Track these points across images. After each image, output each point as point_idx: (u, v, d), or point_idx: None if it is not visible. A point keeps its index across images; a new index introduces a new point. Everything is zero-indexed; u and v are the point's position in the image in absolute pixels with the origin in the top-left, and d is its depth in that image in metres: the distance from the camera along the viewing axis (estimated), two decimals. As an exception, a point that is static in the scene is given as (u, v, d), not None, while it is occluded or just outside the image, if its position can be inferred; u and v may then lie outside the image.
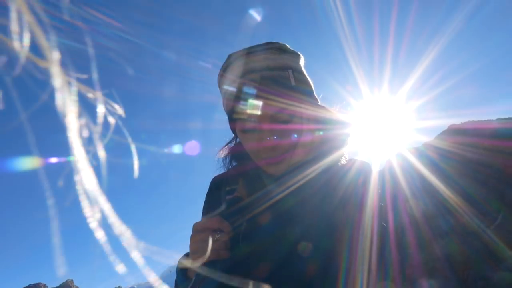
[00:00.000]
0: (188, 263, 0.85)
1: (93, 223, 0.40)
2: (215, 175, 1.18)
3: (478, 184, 9.69)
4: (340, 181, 0.96)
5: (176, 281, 0.93)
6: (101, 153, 0.40)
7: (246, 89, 0.94)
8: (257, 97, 0.93)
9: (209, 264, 0.79)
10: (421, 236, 10.31)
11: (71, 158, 0.38)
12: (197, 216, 1.10)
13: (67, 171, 0.38)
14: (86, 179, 0.38)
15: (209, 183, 1.17)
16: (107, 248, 0.41)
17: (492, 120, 11.01)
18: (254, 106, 0.93)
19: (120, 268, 0.44)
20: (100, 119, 0.41)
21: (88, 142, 0.39)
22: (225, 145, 1.16)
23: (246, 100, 0.94)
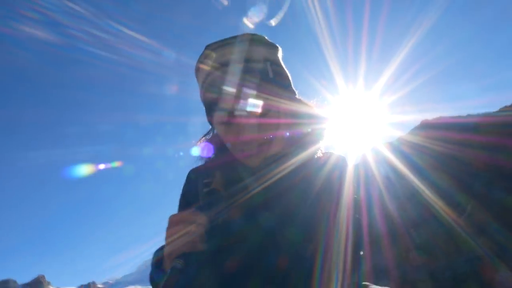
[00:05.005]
0: (163, 256, 0.84)
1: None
2: (192, 168, 1.17)
3: (449, 177, 10.05)
4: (316, 175, 0.97)
5: (151, 274, 0.92)
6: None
7: (224, 81, 0.93)
8: (234, 89, 0.92)
9: (184, 256, 0.78)
10: (394, 228, 10.62)
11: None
12: (173, 209, 1.09)
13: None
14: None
15: (186, 175, 1.16)
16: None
17: (462, 115, 11.42)
18: (231, 98, 0.92)
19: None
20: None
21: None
22: (202, 137, 1.15)
23: (223, 92, 0.93)
